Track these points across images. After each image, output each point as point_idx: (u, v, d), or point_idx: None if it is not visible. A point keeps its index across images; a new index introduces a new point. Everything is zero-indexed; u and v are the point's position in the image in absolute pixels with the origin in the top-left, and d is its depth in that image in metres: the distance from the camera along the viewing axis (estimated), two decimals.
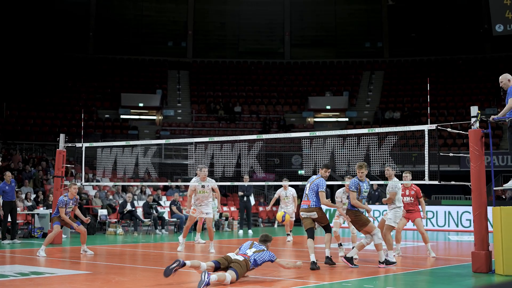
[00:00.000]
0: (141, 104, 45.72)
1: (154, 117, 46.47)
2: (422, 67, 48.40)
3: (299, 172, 24.29)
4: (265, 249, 11.97)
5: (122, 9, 51.75)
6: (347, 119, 45.43)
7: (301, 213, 14.00)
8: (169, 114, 45.88)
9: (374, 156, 15.63)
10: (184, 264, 10.82)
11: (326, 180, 14.09)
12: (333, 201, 16.31)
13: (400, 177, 15.93)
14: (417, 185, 16.18)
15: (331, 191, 34.35)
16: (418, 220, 16.22)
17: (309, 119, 45.68)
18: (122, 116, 44.65)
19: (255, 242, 12.10)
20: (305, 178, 14.59)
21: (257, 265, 11.68)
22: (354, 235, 16.63)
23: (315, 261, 13.56)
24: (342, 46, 52.75)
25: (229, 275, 10.91)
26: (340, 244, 16.89)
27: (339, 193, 16.07)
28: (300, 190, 39.36)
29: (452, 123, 14.43)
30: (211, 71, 50.91)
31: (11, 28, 48.80)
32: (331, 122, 46.07)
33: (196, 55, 52.37)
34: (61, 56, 48.90)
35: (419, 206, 16.37)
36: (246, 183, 23.11)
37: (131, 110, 45.66)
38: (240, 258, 11.41)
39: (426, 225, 18.13)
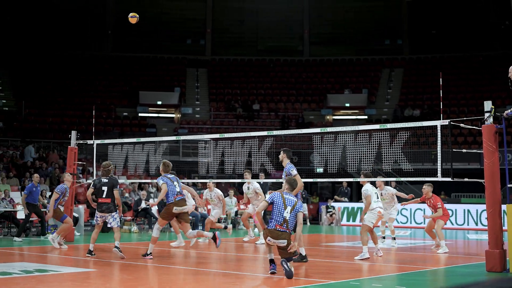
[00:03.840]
0: (159, 102, 45.67)
1: (173, 115, 46.40)
2: (442, 64, 47.89)
3: (317, 170, 24.02)
4: (296, 200, 12.05)
5: (141, 7, 51.58)
6: (366, 117, 45.12)
7: None
8: (187, 112, 45.82)
9: (387, 153, 15.42)
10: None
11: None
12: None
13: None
14: (430, 182, 16.14)
15: (351, 190, 34.20)
16: (439, 221, 17.49)
17: (328, 117, 45.41)
18: (140, 114, 44.62)
19: (285, 193, 12.03)
20: (323, 175, 14.50)
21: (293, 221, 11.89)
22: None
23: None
24: (362, 43, 52.41)
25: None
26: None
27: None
28: (318, 189, 39.31)
29: (464, 118, 14.17)
30: (230, 68, 50.79)
31: (29, 27, 49.00)
32: (350, 119, 45.72)
33: (215, 53, 52.27)
34: (79, 54, 49.02)
35: (447, 211, 18.05)
36: (261, 181, 22.85)
37: (150, 108, 45.62)
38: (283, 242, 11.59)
39: (445, 223, 17.98)
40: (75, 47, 49.46)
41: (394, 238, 19.11)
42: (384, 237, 19.70)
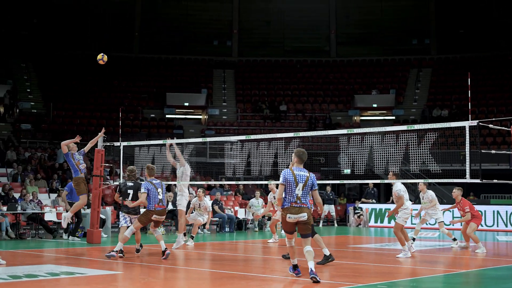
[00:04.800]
0: (186, 104, 45.73)
1: (200, 116, 46.44)
2: (471, 64, 47.41)
3: (345, 171, 23.86)
4: (308, 174, 11.48)
5: (167, 8, 51.82)
6: (393, 118, 44.81)
7: None
8: (214, 113, 45.82)
9: (414, 154, 15.28)
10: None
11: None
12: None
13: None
14: (458, 183, 16.08)
15: (378, 191, 33.99)
16: (471, 225, 18.07)
17: (355, 118, 45.18)
18: (167, 116, 44.72)
19: (295, 169, 11.50)
20: (350, 177, 14.40)
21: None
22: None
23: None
24: (389, 43, 52.07)
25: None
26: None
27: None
28: (347, 190, 39.11)
29: (493, 118, 13.98)
30: (257, 69, 50.75)
31: (57, 29, 49.34)
32: (378, 120, 45.45)
33: (241, 54, 52.23)
34: (107, 56, 49.06)
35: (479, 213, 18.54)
36: None
37: (177, 110, 45.71)
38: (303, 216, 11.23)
39: (478, 226, 17.96)
40: (102, 49, 49.57)
41: (455, 239, 19.28)
42: (414, 239, 19.77)
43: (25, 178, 26.97)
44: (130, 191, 15.74)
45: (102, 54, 18.16)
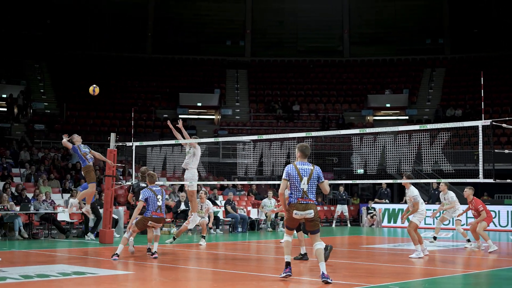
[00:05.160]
0: (199, 104, 45.76)
1: (213, 117, 46.45)
2: (485, 64, 47.17)
3: (358, 171, 23.79)
4: (312, 167, 11.19)
5: (180, 9, 51.86)
6: (407, 117, 44.67)
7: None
8: (227, 113, 45.81)
9: (427, 154, 15.21)
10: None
11: None
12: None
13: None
14: (471, 183, 16.04)
15: (392, 191, 33.87)
16: (482, 223, 17.94)
17: (368, 118, 45.07)
18: (180, 116, 44.59)
19: (299, 163, 11.21)
20: (363, 177, 14.37)
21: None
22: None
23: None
24: (402, 43, 51.92)
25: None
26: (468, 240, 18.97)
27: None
28: (359, 189, 39.00)
29: (507, 118, 13.89)
30: (270, 69, 50.70)
31: (71, 29, 49.50)
32: (391, 120, 45.31)
33: (254, 54, 52.20)
34: (120, 57, 49.35)
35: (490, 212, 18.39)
36: None
37: (189, 110, 45.75)
38: (310, 213, 11.06)
39: (488, 225, 17.96)
40: (115, 49, 49.81)
41: (469, 240, 19.33)
42: (435, 238, 20.17)
43: (38, 178, 27.03)
44: None
45: (94, 86, 18.04)
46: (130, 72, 47.98)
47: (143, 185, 15.91)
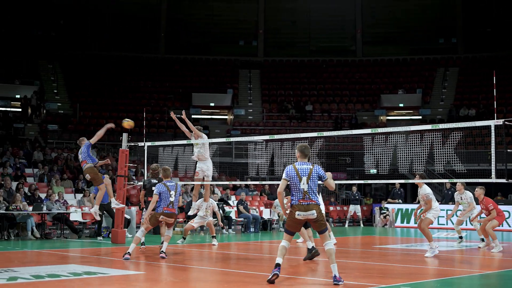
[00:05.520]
0: (212, 104, 45.82)
1: (225, 117, 46.47)
2: (498, 63, 46.94)
3: (371, 171, 23.75)
4: (311, 167, 10.93)
5: (193, 9, 51.92)
6: (420, 117, 44.54)
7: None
8: (240, 113, 45.81)
9: (439, 154, 15.14)
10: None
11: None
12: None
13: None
14: (483, 183, 15.98)
15: (405, 191, 33.75)
16: (493, 221, 17.78)
17: (381, 117, 44.96)
18: (193, 116, 44.69)
19: (298, 164, 10.99)
20: (375, 177, 14.32)
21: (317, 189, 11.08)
22: None
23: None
24: (415, 43, 51.78)
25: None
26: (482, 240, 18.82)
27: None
28: (374, 190, 38.90)
29: None
30: (282, 69, 50.66)
31: (84, 30, 49.66)
32: (404, 120, 45.17)
33: (267, 54, 52.18)
34: (133, 57, 49.45)
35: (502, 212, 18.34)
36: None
37: (202, 110, 45.83)
38: (313, 214, 10.80)
39: (502, 226, 17.95)
40: (128, 49, 49.92)
41: (483, 239, 19.22)
42: (461, 237, 20.29)
43: (51, 178, 27.10)
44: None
45: (126, 120, 18.11)
46: (143, 72, 48.09)
47: (155, 181, 15.99)
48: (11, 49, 45.21)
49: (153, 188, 15.73)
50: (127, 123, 18.01)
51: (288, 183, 10.95)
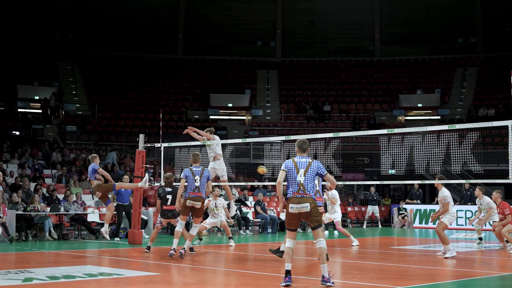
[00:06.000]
0: (230, 104, 45.82)
1: (243, 117, 46.45)
2: None
3: (390, 171, 23.58)
4: (310, 161, 10.85)
5: (211, 10, 51.94)
6: (439, 117, 44.30)
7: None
8: (258, 114, 45.75)
9: (455, 154, 15.02)
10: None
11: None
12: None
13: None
14: (502, 183, 15.89)
15: (423, 192, 33.56)
16: (508, 226, 17.77)
17: (400, 118, 44.75)
18: (211, 117, 44.81)
19: (297, 157, 10.91)
20: (393, 178, 14.22)
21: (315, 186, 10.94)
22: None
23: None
24: (434, 42, 51.53)
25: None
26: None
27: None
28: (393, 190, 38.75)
29: None
30: (300, 70, 50.55)
31: (103, 31, 49.85)
32: (423, 120, 44.93)
33: (285, 55, 52.09)
34: (151, 58, 49.58)
35: None
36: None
37: (220, 111, 45.84)
38: (306, 207, 10.62)
39: None
40: (147, 50, 50.05)
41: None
42: (481, 238, 20.14)
43: (69, 179, 27.20)
44: (169, 196, 16.34)
45: (261, 166, 18.31)
46: (161, 73, 48.19)
47: (169, 189, 16.23)
48: (30, 50, 45.43)
49: (168, 196, 16.32)
50: (261, 169, 18.17)
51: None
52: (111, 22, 50.28)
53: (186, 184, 15.19)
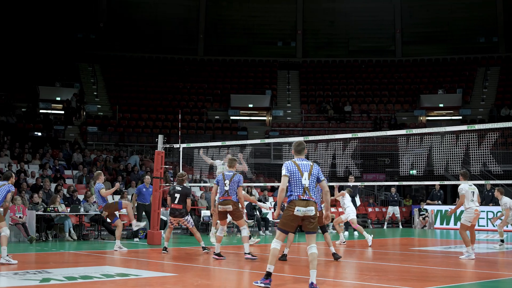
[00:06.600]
0: (250, 105, 45.83)
1: (264, 118, 46.42)
2: None
3: (411, 172, 23.47)
4: (311, 164, 10.65)
5: (231, 11, 51.99)
6: (460, 117, 44.03)
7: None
8: (278, 114, 45.71)
9: (475, 155, 14.91)
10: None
11: None
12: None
13: None
14: None
15: (444, 193, 33.35)
16: None
17: (421, 118, 44.53)
18: (232, 117, 44.83)
19: (297, 160, 10.59)
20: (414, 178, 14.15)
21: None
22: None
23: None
24: (455, 42, 51.22)
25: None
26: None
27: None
28: (413, 191, 38.53)
29: None
30: (321, 70, 50.46)
31: (124, 32, 50.05)
32: (445, 120, 44.67)
33: (306, 55, 52.03)
34: (172, 58, 49.71)
35: None
36: (351, 183, 22.36)
37: (241, 111, 45.82)
38: (311, 211, 10.38)
39: None
40: (167, 51, 50.18)
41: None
42: (502, 240, 19.85)
43: (90, 180, 27.26)
44: (177, 195, 16.39)
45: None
46: (181, 74, 48.28)
47: (179, 188, 16.29)
48: (52, 52, 45.71)
49: (176, 195, 16.35)
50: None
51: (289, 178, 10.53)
52: (132, 23, 50.45)
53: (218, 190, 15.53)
